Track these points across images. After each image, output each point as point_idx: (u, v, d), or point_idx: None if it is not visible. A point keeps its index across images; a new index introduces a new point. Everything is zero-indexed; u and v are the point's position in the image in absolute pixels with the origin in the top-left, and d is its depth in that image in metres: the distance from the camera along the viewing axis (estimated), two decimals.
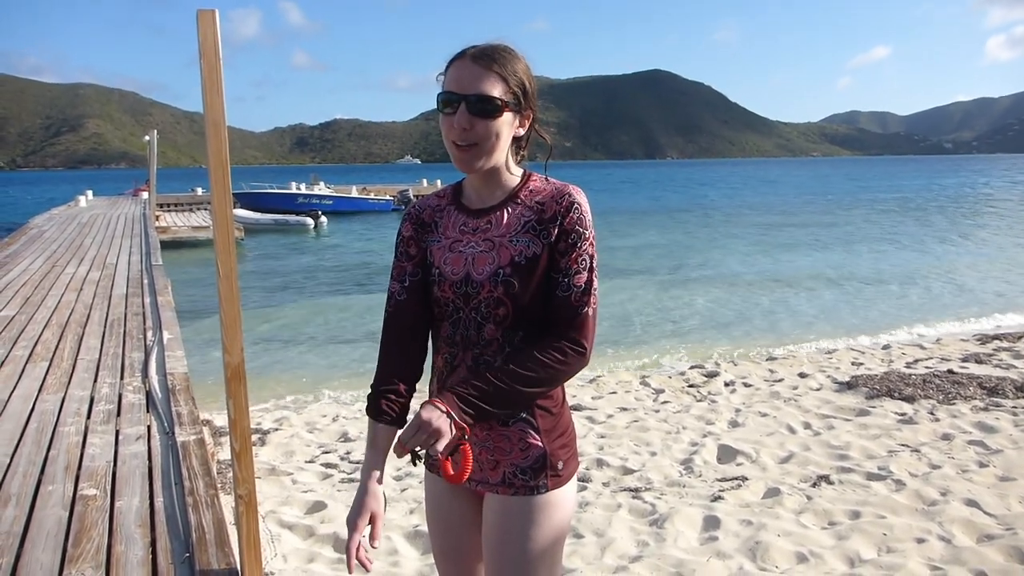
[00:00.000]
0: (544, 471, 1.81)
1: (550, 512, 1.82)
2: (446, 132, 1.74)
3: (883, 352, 9.57)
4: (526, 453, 1.80)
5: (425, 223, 1.91)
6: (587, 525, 4.48)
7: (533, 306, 1.76)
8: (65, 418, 4.57)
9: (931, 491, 4.76)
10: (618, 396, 7.78)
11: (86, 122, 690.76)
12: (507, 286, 1.74)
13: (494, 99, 1.70)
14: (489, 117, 1.71)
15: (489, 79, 1.71)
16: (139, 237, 16.58)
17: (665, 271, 19.05)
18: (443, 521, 1.99)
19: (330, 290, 17.08)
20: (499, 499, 1.84)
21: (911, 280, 16.57)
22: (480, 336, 1.78)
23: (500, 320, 1.77)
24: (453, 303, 1.81)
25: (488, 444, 1.82)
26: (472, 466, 1.73)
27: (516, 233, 1.77)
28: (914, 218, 34.74)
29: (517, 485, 1.81)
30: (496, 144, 1.74)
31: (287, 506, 4.97)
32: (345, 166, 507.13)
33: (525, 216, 1.78)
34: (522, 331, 1.78)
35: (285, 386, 9.15)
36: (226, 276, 2.67)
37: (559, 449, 1.83)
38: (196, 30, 2.51)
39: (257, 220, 30.86)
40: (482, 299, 1.77)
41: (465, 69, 1.72)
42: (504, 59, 1.74)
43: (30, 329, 7.10)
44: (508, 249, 1.76)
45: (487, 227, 1.81)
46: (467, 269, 1.79)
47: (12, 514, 3.28)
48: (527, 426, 1.80)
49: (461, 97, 1.70)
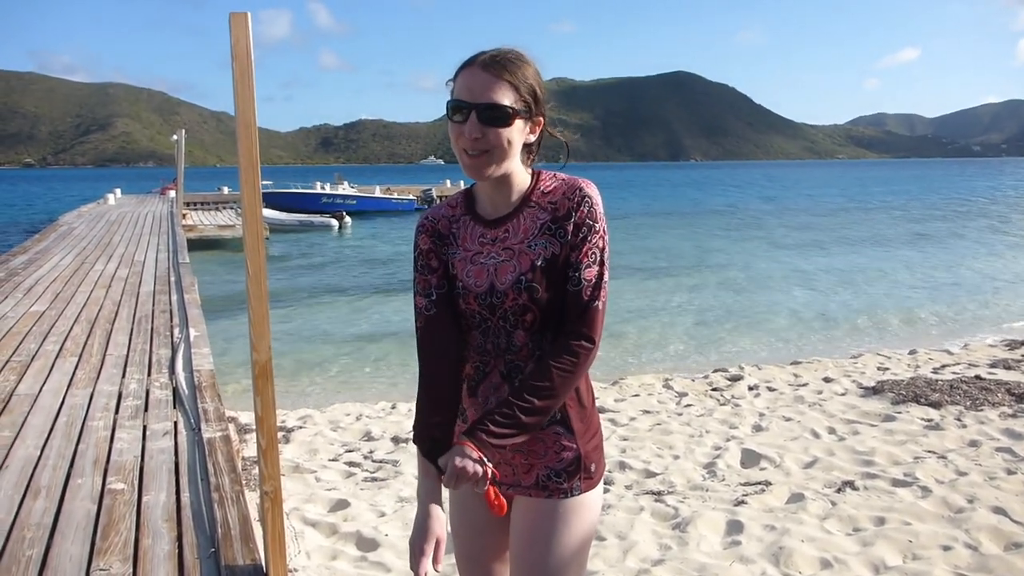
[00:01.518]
0: (578, 474, 1.81)
1: (582, 514, 1.82)
2: (455, 139, 1.73)
3: (909, 357, 9.48)
4: (560, 456, 1.80)
5: (442, 234, 1.89)
6: (609, 528, 4.48)
7: (556, 306, 1.76)
8: (94, 413, 4.63)
9: (958, 498, 4.71)
10: (641, 399, 7.76)
11: (115, 121, 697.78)
12: (531, 291, 1.74)
13: (505, 108, 1.68)
14: (500, 125, 1.69)
15: (500, 87, 1.68)
16: (166, 235, 16.75)
17: (715, 275, 18.94)
18: (468, 525, 1.98)
19: (355, 290, 17.16)
20: (531, 502, 1.83)
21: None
22: (511, 343, 1.79)
23: (528, 326, 1.77)
24: (479, 314, 1.80)
25: (522, 448, 1.81)
26: (501, 502, 1.75)
27: (534, 237, 1.77)
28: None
29: (551, 488, 1.81)
30: (507, 152, 1.72)
31: (311, 504, 5.01)
32: (369, 166, 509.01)
33: (540, 218, 1.77)
34: (550, 332, 1.78)
35: (309, 384, 9.21)
36: (255, 275, 2.70)
37: (592, 451, 1.84)
38: (228, 32, 2.54)
39: (283, 220, 31.06)
40: (508, 308, 1.76)
41: (475, 77, 1.70)
42: (514, 66, 1.71)
43: (60, 324, 7.20)
44: (528, 255, 1.75)
45: (505, 236, 1.80)
46: (490, 280, 1.78)
47: (42, 506, 3.33)
48: (562, 428, 1.80)
49: (472, 106, 1.68)
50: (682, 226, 34.11)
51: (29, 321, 7.37)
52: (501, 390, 1.80)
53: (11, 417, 4.54)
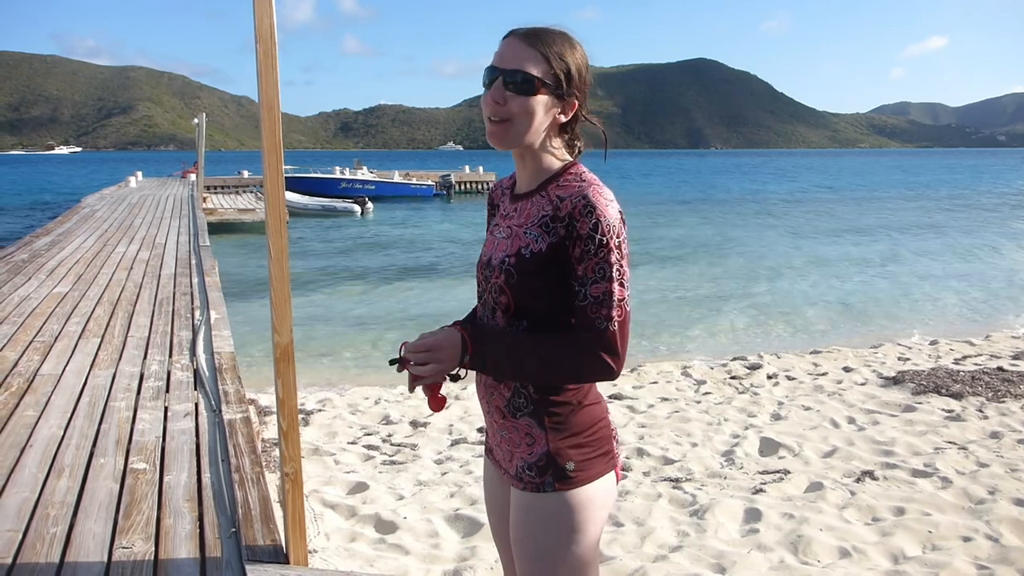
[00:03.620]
0: (549, 470, 1.74)
1: (562, 513, 1.74)
2: (483, 107, 1.72)
3: (930, 348, 9.41)
4: (531, 449, 1.76)
5: (494, 204, 1.96)
6: (627, 514, 4.48)
7: (534, 302, 1.70)
8: (116, 393, 4.67)
9: (979, 489, 4.68)
10: (659, 386, 7.75)
11: (137, 105, 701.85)
12: (507, 275, 1.72)
13: (530, 76, 1.66)
14: (523, 93, 1.66)
15: (530, 57, 1.67)
16: (187, 218, 16.86)
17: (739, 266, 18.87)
18: (493, 504, 2.00)
19: (376, 274, 17.19)
20: (514, 492, 1.83)
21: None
22: (494, 322, 1.79)
23: (504, 308, 1.74)
24: (481, 285, 1.84)
25: (504, 434, 1.81)
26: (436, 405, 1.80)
27: (531, 225, 1.72)
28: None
29: (525, 481, 1.78)
30: (529, 124, 1.69)
31: (330, 486, 5.04)
32: (388, 152, 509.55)
33: (544, 210, 1.72)
34: (527, 324, 1.73)
35: (328, 368, 9.26)
36: (277, 257, 2.71)
37: (569, 449, 1.74)
38: (252, 15, 2.54)
39: (305, 204, 31.16)
40: (492, 283, 1.77)
41: (510, 46, 1.69)
42: (553, 41, 1.69)
43: (83, 306, 7.27)
44: (519, 240, 1.73)
45: (514, 214, 1.79)
46: (491, 252, 1.80)
47: (66, 485, 3.37)
48: (533, 421, 1.75)
49: (500, 71, 1.68)
50: (702, 213, 33.92)
51: (52, 302, 7.44)
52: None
53: (35, 396, 4.59)
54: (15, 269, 9.54)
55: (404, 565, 3.94)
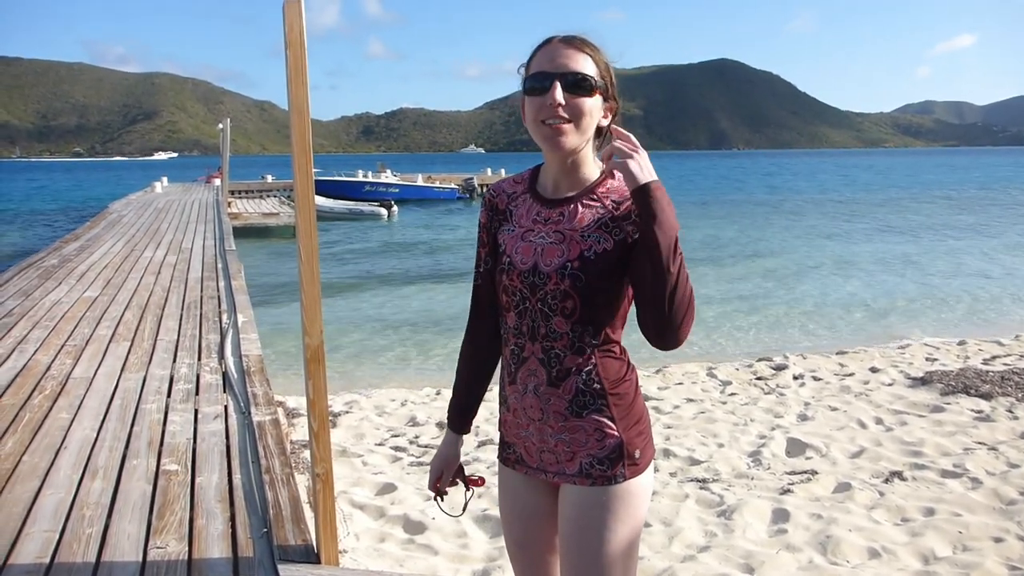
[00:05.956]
0: (621, 460, 1.79)
1: (629, 501, 1.81)
2: (535, 113, 1.73)
3: (959, 348, 9.31)
4: (602, 443, 1.79)
5: (499, 210, 1.92)
6: (655, 514, 4.48)
7: (603, 303, 1.76)
8: (147, 396, 4.74)
9: (1009, 490, 4.63)
10: (684, 387, 7.73)
11: (161, 111, 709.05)
12: (574, 279, 1.73)
13: (589, 76, 1.71)
14: (584, 94, 1.71)
15: (582, 58, 1.72)
16: (212, 223, 17.02)
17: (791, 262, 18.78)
18: (518, 512, 1.98)
19: (401, 277, 17.25)
20: (576, 490, 1.82)
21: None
22: (549, 328, 1.78)
23: (568, 313, 1.75)
24: (520, 292, 1.80)
25: (564, 436, 1.81)
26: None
27: (588, 229, 1.75)
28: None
29: (595, 476, 1.80)
30: (588, 125, 1.74)
31: (358, 487, 5.07)
32: (410, 155, 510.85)
33: (599, 213, 1.76)
34: (592, 326, 1.77)
35: (356, 370, 9.30)
36: (307, 260, 2.74)
37: (635, 437, 1.82)
38: (282, 21, 2.58)
39: (331, 208, 31.30)
40: (548, 291, 1.76)
41: (557, 50, 1.73)
42: (592, 45, 1.76)
43: (112, 310, 7.36)
44: (579, 244, 1.74)
45: (559, 219, 1.79)
46: (535, 259, 1.78)
47: (100, 486, 3.42)
48: (603, 416, 1.79)
49: (555, 75, 1.70)
50: (726, 214, 33.77)
51: (83, 307, 7.54)
52: (539, 375, 1.80)
53: (68, 399, 4.67)
54: (46, 274, 9.67)
55: (433, 565, 3.96)
